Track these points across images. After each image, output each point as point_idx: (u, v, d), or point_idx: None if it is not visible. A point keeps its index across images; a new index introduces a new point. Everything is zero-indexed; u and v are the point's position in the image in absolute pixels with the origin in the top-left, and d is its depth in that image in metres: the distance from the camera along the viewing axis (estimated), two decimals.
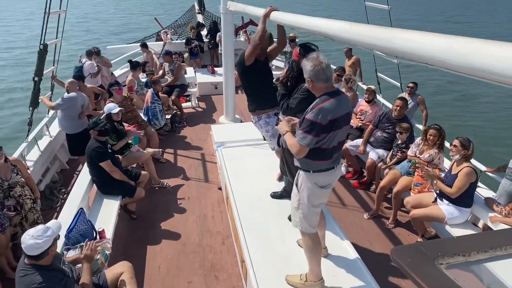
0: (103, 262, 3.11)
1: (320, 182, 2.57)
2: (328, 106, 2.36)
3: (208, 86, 9.09)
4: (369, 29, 1.74)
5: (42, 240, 2.33)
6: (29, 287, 2.32)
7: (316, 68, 2.36)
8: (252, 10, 4.51)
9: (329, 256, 3.17)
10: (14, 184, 3.80)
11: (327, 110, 2.35)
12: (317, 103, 2.40)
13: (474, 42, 1.15)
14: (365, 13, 7.03)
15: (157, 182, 5.18)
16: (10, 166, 3.83)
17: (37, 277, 2.33)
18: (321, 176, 2.56)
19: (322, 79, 2.39)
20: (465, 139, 3.82)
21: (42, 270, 2.38)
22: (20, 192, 3.82)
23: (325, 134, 2.41)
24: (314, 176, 2.55)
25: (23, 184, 3.91)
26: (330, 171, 2.59)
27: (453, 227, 3.83)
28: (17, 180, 3.84)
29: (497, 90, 15.03)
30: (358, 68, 8.50)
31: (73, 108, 5.37)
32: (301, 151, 2.43)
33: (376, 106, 5.79)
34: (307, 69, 2.41)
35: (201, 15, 14.71)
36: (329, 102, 2.38)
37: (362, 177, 5.43)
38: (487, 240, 1.34)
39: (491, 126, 12.02)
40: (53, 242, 2.41)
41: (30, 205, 3.89)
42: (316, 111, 2.35)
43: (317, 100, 2.43)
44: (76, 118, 5.41)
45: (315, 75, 2.38)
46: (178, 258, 3.88)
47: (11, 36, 26.91)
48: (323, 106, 2.36)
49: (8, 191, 3.75)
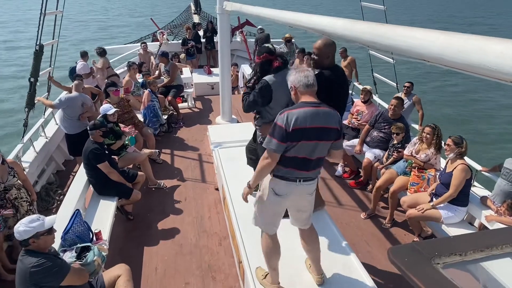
0: (99, 263, 3.09)
1: (276, 188, 2.49)
2: (297, 113, 2.28)
3: (205, 87, 9.08)
4: (369, 26, 1.75)
5: (23, 229, 2.39)
6: (28, 268, 2.37)
7: (299, 74, 2.40)
8: (248, 9, 4.51)
9: (325, 256, 3.16)
10: (10, 187, 3.77)
11: (296, 117, 2.27)
12: (288, 108, 2.37)
13: (473, 39, 1.15)
14: (361, 13, 7.06)
15: (153, 183, 5.16)
16: (7, 168, 3.80)
17: (34, 258, 2.41)
18: (278, 182, 2.47)
19: (304, 83, 2.38)
20: (458, 137, 3.86)
21: (38, 253, 2.46)
22: (16, 195, 3.79)
23: (292, 142, 2.32)
24: (273, 180, 2.50)
25: (19, 187, 3.88)
26: (290, 183, 2.45)
27: (450, 226, 3.85)
28: (14, 182, 3.81)
29: (496, 88, 15.13)
30: (354, 69, 8.53)
31: (72, 109, 5.41)
32: (271, 158, 2.35)
33: (372, 106, 5.81)
34: (291, 78, 2.43)
35: (197, 16, 14.69)
36: (302, 110, 2.30)
37: (359, 177, 5.44)
38: (483, 239, 1.34)
39: (488, 125, 12.09)
40: (36, 235, 2.42)
41: (26, 207, 3.85)
42: (284, 116, 2.30)
43: (291, 106, 2.41)
44: (75, 118, 5.44)
45: (299, 78, 2.39)
46: (175, 259, 3.87)
47: (7, 36, 26.77)
48: (292, 112, 2.30)
49: (4, 194, 3.72)
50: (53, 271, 2.42)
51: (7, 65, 18.54)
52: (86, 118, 5.49)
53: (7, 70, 17.55)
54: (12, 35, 27.21)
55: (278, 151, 2.34)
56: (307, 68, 2.49)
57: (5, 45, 23.67)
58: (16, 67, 17.85)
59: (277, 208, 2.60)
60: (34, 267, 2.37)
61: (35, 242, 2.43)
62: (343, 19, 2.09)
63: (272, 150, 2.33)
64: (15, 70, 17.33)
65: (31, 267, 2.37)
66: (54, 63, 6.43)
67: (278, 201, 2.53)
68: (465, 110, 13.58)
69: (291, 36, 9.17)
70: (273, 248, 2.69)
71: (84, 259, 2.97)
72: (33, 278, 2.37)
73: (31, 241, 2.42)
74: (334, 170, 5.71)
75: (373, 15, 6.28)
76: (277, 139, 2.30)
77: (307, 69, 2.47)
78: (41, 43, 5.52)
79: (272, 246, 2.68)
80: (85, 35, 27.53)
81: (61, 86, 6.37)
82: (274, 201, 2.54)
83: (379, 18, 6.11)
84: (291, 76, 2.46)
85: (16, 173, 3.88)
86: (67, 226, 3.25)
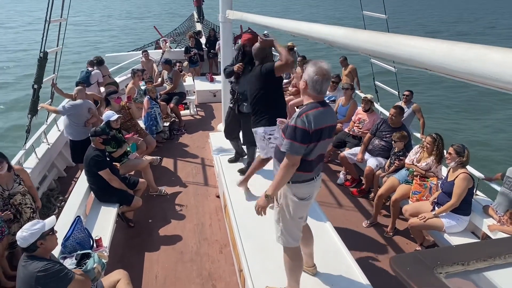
0: (99, 270, 3.07)
1: (299, 193, 2.49)
2: (315, 114, 2.33)
3: (207, 94, 9.11)
4: (371, 35, 1.75)
5: (28, 233, 2.39)
6: (34, 273, 2.37)
7: (318, 77, 2.32)
8: (250, 18, 4.53)
9: (327, 264, 3.14)
10: (15, 193, 3.78)
11: (314, 118, 2.31)
12: (304, 110, 2.35)
13: (475, 48, 1.15)
14: (362, 22, 7.09)
15: (155, 190, 5.16)
16: (13, 175, 3.82)
17: (39, 263, 2.41)
18: (300, 187, 2.48)
19: (317, 89, 2.36)
20: (460, 146, 3.84)
21: (42, 259, 2.46)
22: (20, 201, 3.80)
23: (311, 143, 2.35)
24: (292, 187, 2.48)
25: (24, 193, 3.89)
26: (310, 182, 2.51)
27: (452, 235, 3.82)
28: (18, 190, 3.82)
29: (498, 97, 15.13)
30: (355, 77, 8.55)
31: (78, 115, 5.43)
32: (293, 162, 2.34)
33: (374, 115, 5.81)
34: (309, 73, 2.34)
35: (200, 24, 14.81)
36: (317, 111, 2.34)
37: (361, 185, 5.43)
38: (486, 249, 1.33)
39: (491, 133, 12.07)
40: (42, 236, 2.43)
41: (29, 214, 3.85)
42: (304, 118, 2.30)
43: (304, 107, 2.38)
44: (81, 125, 5.46)
45: (314, 82, 2.34)
46: (176, 266, 3.85)
47: (11, 43, 27.01)
48: (311, 113, 2.32)
49: (8, 199, 3.73)
50: (60, 276, 2.43)
51: (8, 71, 18.66)
52: (91, 124, 5.51)
53: (10, 76, 17.67)
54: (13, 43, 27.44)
55: (301, 154, 2.35)
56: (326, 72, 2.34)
57: (5, 52, 23.86)
58: (20, 74, 17.97)
59: (302, 213, 2.63)
60: (41, 271, 2.37)
61: (43, 243, 2.45)
62: (344, 28, 2.10)
63: (295, 153, 2.32)
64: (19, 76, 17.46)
65: (38, 272, 2.36)
66: (58, 70, 6.47)
67: (303, 205, 2.56)
68: (468, 118, 13.56)
69: (294, 45, 9.22)
70: (299, 260, 2.71)
71: (84, 266, 2.96)
72: (40, 283, 2.36)
73: (39, 243, 2.43)
74: (336, 178, 5.69)
75: (374, 24, 6.32)
76: (300, 142, 2.30)
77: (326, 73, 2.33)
78: (45, 50, 5.56)
79: (299, 258, 2.71)
80: (87, 43, 27.74)
81: (63, 94, 6.40)
82: (300, 207, 2.54)
83: (381, 27, 6.14)
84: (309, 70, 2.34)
85: (22, 180, 3.89)
86: (67, 232, 3.25)
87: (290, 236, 2.62)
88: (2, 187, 3.68)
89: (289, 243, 2.63)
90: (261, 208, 2.55)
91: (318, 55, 19.31)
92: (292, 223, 2.58)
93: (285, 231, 2.60)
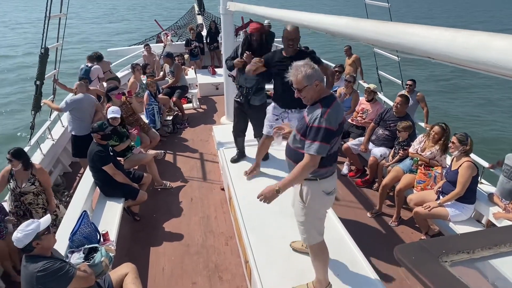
0: (107, 264, 3.11)
1: (327, 188, 2.55)
2: (335, 110, 2.35)
3: (209, 87, 9.09)
4: (373, 24, 1.74)
5: (22, 234, 2.37)
6: (33, 272, 2.36)
7: (316, 69, 2.38)
8: (251, 9, 4.50)
9: (332, 254, 3.15)
10: (26, 192, 3.82)
11: (336, 115, 2.34)
12: (324, 109, 2.33)
13: (478, 35, 1.14)
14: (365, 11, 7.02)
15: (159, 184, 5.19)
16: (29, 174, 3.85)
17: (39, 263, 2.40)
18: (327, 182, 2.54)
19: (322, 79, 2.41)
20: (463, 134, 3.83)
21: (42, 257, 2.45)
22: (31, 200, 3.83)
23: (334, 139, 2.40)
24: (321, 183, 2.51)
25: (38, 193, 3.91)
26: (333, 175, 2.60)
27: (457, 224, 3.82)
28: (30, 189, 3.85)
29: (500, 83, 15.00)
30: (359, 67, 8.50)
31: (80, 110, 5.42)
32: (314, 163, 2.36)
33: (377, 104, 5.78)
34: (310, 73, 2.34)
35: (201, 16, 14.72)
36: (334, 105, 2.36)
37: (365, 175, 5.42)
38: (492, 236, 1.33)
39: (495, 122, 11.99)
40: (36, 236, 2.40)
41: (41, 214, 3.87)
42: (328, 117, 2.30)
43: (323, 105, 2.36)
44: (83, 119, 5.44)
45: (320, 75, 2.38)
46: (182, 259, 3.88)
47: (13, 40, 27.00)
48: (331, 111, 2.32)
49: (19, 196, 3.76)
50: (60, 275, 2.42)
51: (10, 68, 18.70)
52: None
53: (11, 74, 17.70)
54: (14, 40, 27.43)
55: (326, 153, 2.36)
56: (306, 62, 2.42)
57: (7, 49, 23.86)
58: (22, 71, 18.00)
59: (328, 206, 2.71)
60: (40, 271, 2.36)
61: (39, 243, 2.42)
62: (346, 17, 2.08)
63: (321, 153, 2.33)
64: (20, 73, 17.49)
65: (37, 272, 2.36)
66: (59, 66, 6.48)
67: (329, 199, 2.63)
68: (472, 105, 13.46)
69: None
70: (326, 252, 2.74)
71: (92, 260, 2.99)
72: (40, 282, 2.36)
73: (35, 243, 2.40)
74: (340, 168, 5.69)
75: (377, 13, 6.25)
76: (325, 142, 2.32)
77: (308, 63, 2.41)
78: (46, 46, 5.56)
79: (326, 251, 2.73)
80: (89, 37, 27.68)
81: (66, 88, 6.42)
82: (327, 201, 2.62)
83: (384, 15, 6.08)
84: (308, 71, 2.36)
85: (37, 180, 3.92)
86: (74, 227, 3.28)
87: (316, 232, 2.64)
88: (16, 183, 3.72)
89: (316, 239, 2.65)
90: (267, 199, 2.48)
91: (320, 45, 19.20)
92: (317, 219, 2.63)
93: (312, 228, 2.62)
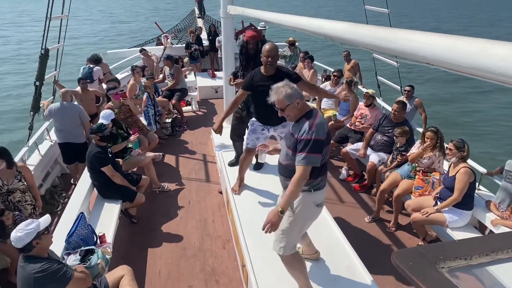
0: (103, 266, 3.10)
1: (317, 200, 2.59)
2: (320, 121, 2.45)
3: (209, 90, 9.10)
4: (372, 30, 1.74)
5: (23, 233, 2.37)
6: (31, 274, 2.35)
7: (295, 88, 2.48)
8: (251, 13, 4.51)
9: (330, 260, 3.16)
10: (14, 190, 3.80)
11: (322, 126, 2.43)
12: (311, 121, 2.42)
13: (478, 42, 1.14)
14: (364, 16, 7.06)
15: (157, 186, 5.18)
16: (15, 172, 3.83)
17: (37, 264, 2.39)
18: (320, 193, 2.59)
19: (302, 97, 2.50)
20: (459, 140, 3.84)
21: (39, 258, 2.44)
22: (19, 198, 3.81)
23: (325, 148, 2.46)
24: (314, 195, 2.55)
25: (24, 190, 3.90)
26: (324, 189, 2.64)
27: (454, 230, 3.82)
28: (18, 186, 3.83)
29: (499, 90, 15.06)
30: (358, 72, 8.52)
31: (57, 119, 5.29)
32: (307, 172, 2.39)
33: (376, 110, 5.79)
34: (290, 93, 2.43)
35: (201, 20, 14.77)
36: (319, 118, 2.46)
37: (363, 181, 5.43)
38: (489, 243, 1.33)
39: (492, 127, 12.03)
40: (37, 235, 2.41)
41: (30, 210, 3.87)
42: (316, 129, 2.38)
43: (309, 119, 2.44)
44: (61, 129, 5.31)
45: (299, 94, 2.48)
46: (179, 262, 3.87)
47: (13, 39, 27.02)
48: (318, 122, 2.42)
49: (7, 196, 3.74)
50: (57, 276, 2.41)
51: (10, 69, 18.69)
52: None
53: (10, 74, 17.69)
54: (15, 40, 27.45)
55: (318, 163, 2.41)
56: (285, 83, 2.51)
57: (6, 48, 23.86)
58: (22, 70, 17.99)
59: (315, 217, 2.72)
60: (38, 272, 2.35)
61: (38, 243, 2.43)
62: (345, 23, 2.09)
63: (313, 164, 2.38)
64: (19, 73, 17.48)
65: (35, 273, 2.35)
66: (59, 67, 6.48)
67: (318, 210, 2.66)
68: (468, 111, 13.50)
69: (295, 40, 9.18)
70: (300, 259, 2.76)
71: (88, 262, 2.99)
72: (38, 283, 2.35)
73: (35, 242, 2.41)
74: (338, 173, 5.69)
75: (377, 19, 6.29)
76: (317, 153, 2.38)
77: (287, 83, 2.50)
78: (46, 47, 5.56)
79: (300, 260, 2.76)
80: (90, 40, 27.72)
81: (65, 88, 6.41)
82: (314, 213, 2.66)
83: (383, 21, 6.11)
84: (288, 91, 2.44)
85: (23, 177, 3.91)
86: (71, 229, 3.27)
87: (291, 244, 2.65)
88: (2, 181, 3.71)
89: (290, 250, 2.66)
90: (274, 225, 2.41)
91: (319, 50, 19.27)
92: (300, 231, 2.67)
93: (288, 240, 2.61)
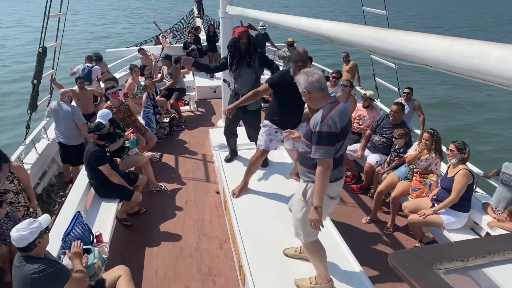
0: (100, 266, 3.09)
1: (331, 192, 2.61)
2: (337, 113, 2.43)
3: (207, 90, 9.10)
4: (371, 31, 1.74)
5: (27, 232, 2.36)
6: (28, 275, 2.34)
7: (310, 79, 2.46)
8: (250, 13, 4.52)
9: (327, 261, 3.15)
10: (5, 191, 3.77)
11: (339, 118, 2.41)
12: (325, 113, 2.42)
13: (476, 44, 1.15)
14: (363, 18, 7.07)
15: (155, 186, 5.17)
16: (7, 172, 3.79)
17: (34, 265, 2.38)
18: (333, 186, 2.60)
19: (317, 88, 2.47)
20: (461, 142, 3.85)
21: (37, 259, 2.43)
22: (12, 199, 3.78)
23: (339, 142, 2.46)
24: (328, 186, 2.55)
25: (18, 191, 3.86)
26: (339, 181, 2.66)
27: (451, 232, 3.83)
28: (9, 187, 3.79)
29: (498, 92, 15.13)
30: (356, 73, 8.54)
31: (54, 120, 5.31)
32: (328, 165, 2.42)
33: (374, 111, 5.81)
34: (301, 82, 2.49)
35: (200, 19, 14.75)
36: (337, 109, 2.44)
37: (360, 182, 5.43)
38: (485, 245, 1.34)
39: (490, 129, 12.08)
40: (40, 234, 2.41)
41: (22, 212, 3.83)
42: (329, 122, 2.38)
43: (323, 111, 2.44)
44: (57, 129, 5.33)
45: (310, 85, 2.47)
46: (176, 262, 3.86)
47: (10, 38, 26.93)
48: (332, 114, 2.41)
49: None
50: (54, 277, 2.40)
51: (9, 69, 18.63)
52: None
53: (9, 73, 17.64)
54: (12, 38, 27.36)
55: (332, 156, 2.43)
56: (316, 71, 2.53)
57: (4, 47, 23.79)
58: (19, 69, 17.93)
59: (329, 209, 2.76)
60: (35, 273, 2.34)
61: (40, 242, 2.43)
62: (344, 24, 2.09)
63: (327, 157, 2.40)
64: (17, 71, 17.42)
65: (32, 273, 2.34)
66: (57, 66, 6.46)
67: (332, 203, 2.70)
68: (468, 113, 13.55)
69: (294, 40, 9.19)
70: (322, 249, 2.80)
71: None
72: (35, 284, 2.34)
73: (37, 242, 2.40)
74: None
75: (375, 20, 6.30)
76: (330, 145, 2.39)
77: (316, 72, 2.52)
78: (44, 46, 5.55)
79: (321, 247, 2.79)
80: (88, 39, 27.66)
81: (64, 88, 6.39)
82: (329, 205, 2.66)
83: (382, 22, 6.13)
84: (301, 79, 2.50)
85: (15, 178, 3.86)
86: (68, 228, 3.26)
87: (312, 233, 2.69)
88: None
89: (310, 237, 2.71)
90: (317, 222, 2.49)
91: (319, 51, 19.30)
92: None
93: (305, 228, 2.66)
